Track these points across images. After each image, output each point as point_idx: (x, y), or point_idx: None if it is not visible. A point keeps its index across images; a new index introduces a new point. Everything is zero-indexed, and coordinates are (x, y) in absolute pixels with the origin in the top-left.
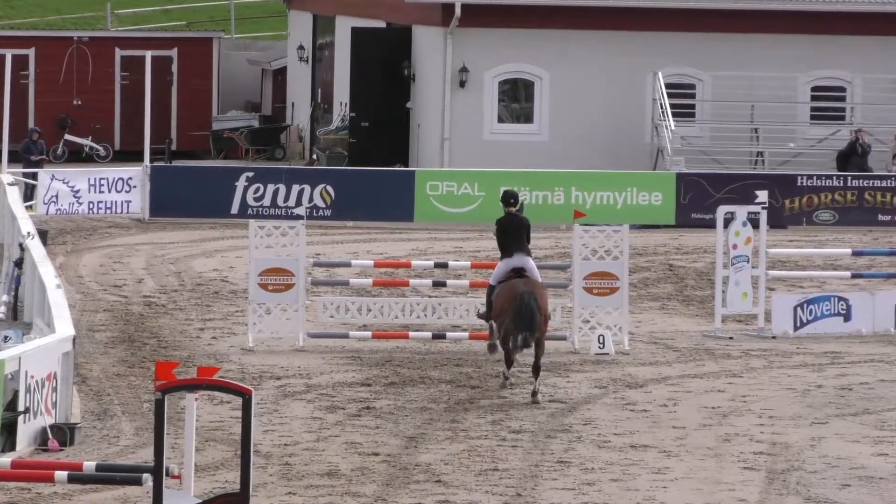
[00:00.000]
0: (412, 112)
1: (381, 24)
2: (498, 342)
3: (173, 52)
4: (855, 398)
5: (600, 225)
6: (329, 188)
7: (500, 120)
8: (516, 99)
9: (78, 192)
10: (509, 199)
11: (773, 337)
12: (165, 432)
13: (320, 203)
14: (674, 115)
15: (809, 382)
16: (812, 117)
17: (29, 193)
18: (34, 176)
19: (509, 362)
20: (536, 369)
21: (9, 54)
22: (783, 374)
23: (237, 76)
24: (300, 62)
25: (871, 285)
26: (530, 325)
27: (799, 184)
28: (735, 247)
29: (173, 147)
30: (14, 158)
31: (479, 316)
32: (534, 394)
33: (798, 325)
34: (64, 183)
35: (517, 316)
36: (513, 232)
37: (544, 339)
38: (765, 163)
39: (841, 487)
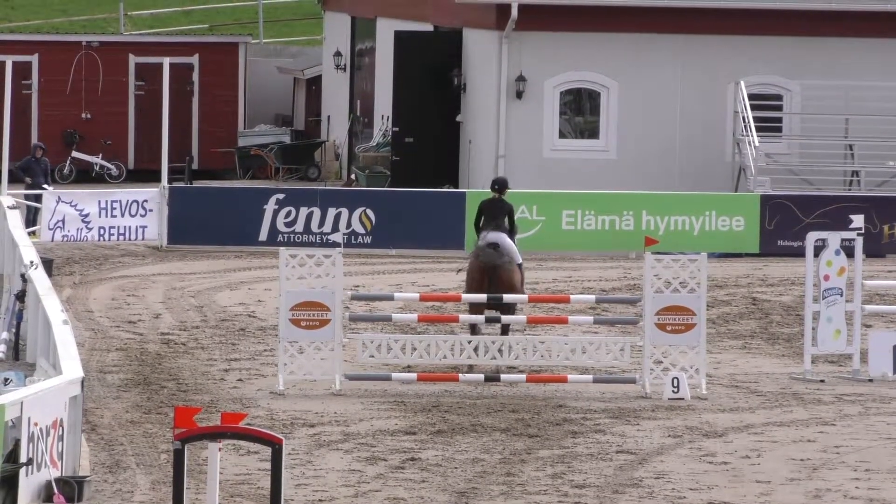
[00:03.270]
0: (463, 126)
1: (428, 28)
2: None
3: (194, 59)
4: None
5: (675, 254)
6: (369, 212)
7: (562, 135)
8: (580, 111)
9: (87, 216)
10: (494, 185)
11: (870, 380)
12: (185, 487)
13: (359, 229)
14: (758, 129)
15: None
16: None
17: (32, 218)
18: (38, 198)
19: (473, 329)
20: (504, 328)
21: (9, 61)
22: (881, 421)
23: (266, 86)
24: (337, 70)
25: None
26: (493, 289)
27: None
28: (827, 278)
29: (194, 166)
30: (15, 179)
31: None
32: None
33: None
34: (71, 206)
35: (482, 282)
36: (493, 215)
37: (513, 310)
38: (861, 183)
39: None
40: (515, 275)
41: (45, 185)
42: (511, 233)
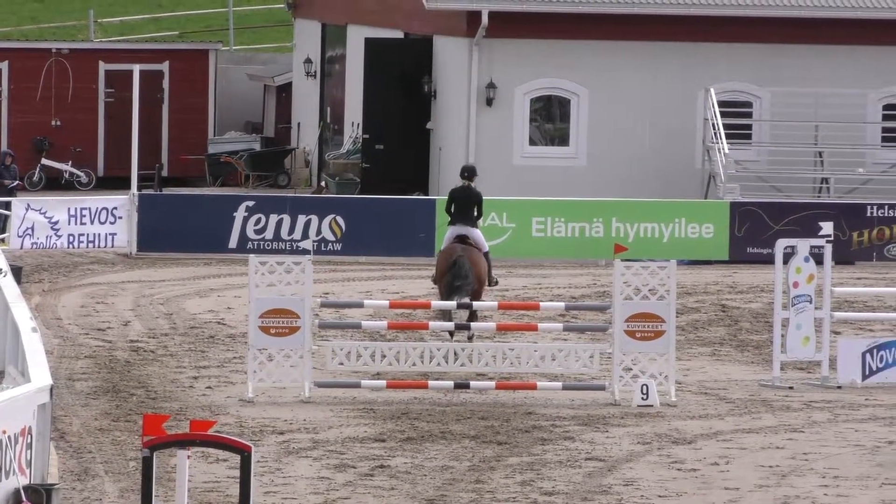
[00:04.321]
0: (433, 133)
1: (399, 35)
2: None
3: (164, 66)
4: None
5: (644, 261)
6: (339, 219)
7: (532, 142)
8: (550, 118)
9: (56, 223)
10: (464, 172)
11: (839, 387)
12: (154, 494)
13: (329, 236)
14: (728, 136)
15: (879, 438)
16: (884, 139)
17: (0, 225)
18: (7, 205)
19: (445, 315)
20: (472, 316)
21: None
22: (850, 428)
23: (236, 93)
24: (307, 77)
25: None
26: (463, 281)
27: (868, 214)
28: (796, 285)
29: (164, 173)
30: None
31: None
32: (468, 331)
33: (867, 373)
34: (41, 213)
35: (452, 276)
36: (463, 203)
37: (479, 296)
38: (830, 190)
39: None
40: (482, 262)
41: (12, 187)
42: (477, 220)
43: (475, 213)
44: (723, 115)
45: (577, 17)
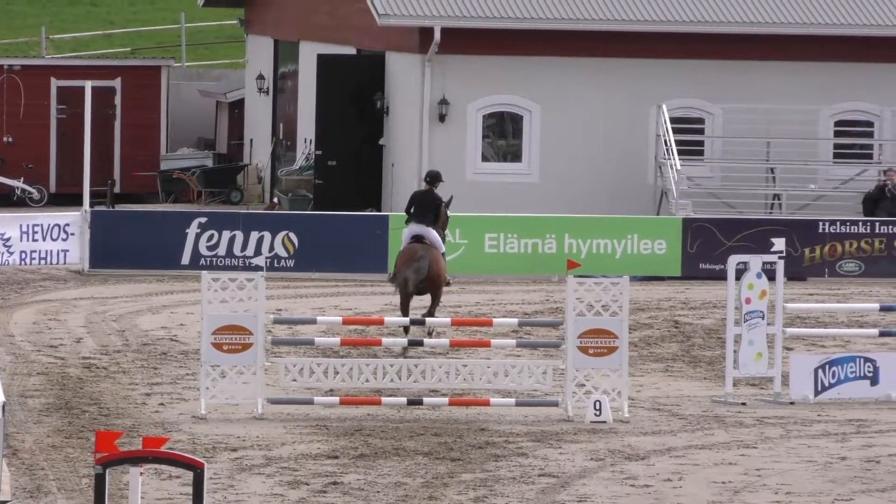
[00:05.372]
0: (385, 150)
1: (351, 51)
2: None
3: (116, 83)
4: (883, 472)
5: (597, 277)
6: (292, 236)
7: (485, 158)
8: (503, 135)
9: (8, 240)
10: (426, 177)
11: (792, 403)
12: None
13: (282, 252)
14: (680, 152)
15: (832, 454)
16: (836, 155)
17: None
18: None
19: (404, 309)
20: (430, 313)
21: None
22: (802, 444)
23: (188, 109)
24: (259, 94)
25: None
26: (421, 277)
27: (820, 230)
28: (748, 301)
29: (116, 189)
30: None
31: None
32: (428, 330)
33: (819, 389)
34: None
35: (410, 272)
36: (422, 206)
37: (439, 297)
38: (782, 207)
39: None
40: (442, 262)
41: None
42: (436, 224)
43: (433, 217)
44: (675, 131)
45: (529, 34)
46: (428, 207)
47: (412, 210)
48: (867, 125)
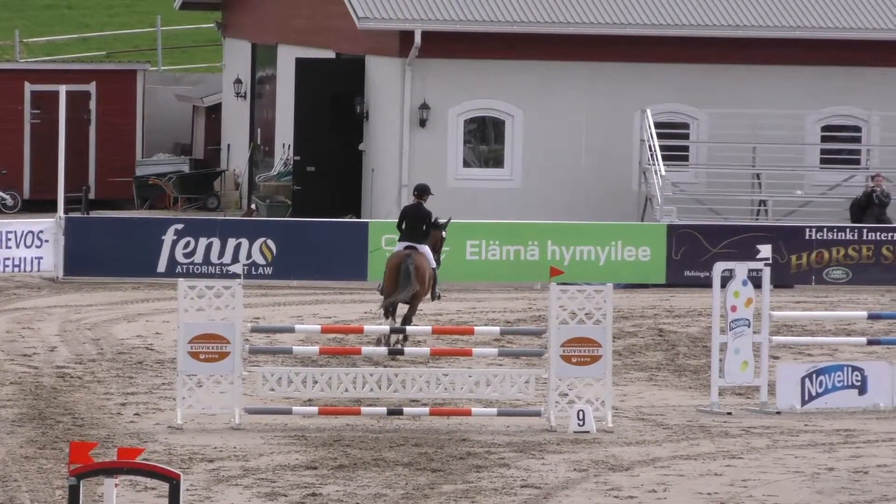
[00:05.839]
0: (365, 155)
1: (331, 55)
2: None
3: (91, 87)
4: (871, 483)
5: (580, 284)
6: (270, 243)
7: (467, 164)
8: (485, 140)
9: None
10: (415, 191)
11: (778, 412)
12: None
13: (260, 259)
14: (664, 158)
15: (819, 465)
16: (822, 161)
17: None
18: None
19: (386, 314)
20: (406, 319)
21: None
22: (789, 454)
23: (165, 114)
24: (237, 98)
25: (890, 353)
26: (404, 284)
27: (807, 237)
28: (734, 309)
29: (91, 195)
30: None
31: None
32: (403, 336)
33: (806, 398)
34: None
35: (395, 276)
36: (413, 220)
37: (418, 301)
38: (768, 213)
39: None
40: (429, 267)
41: None
42: (428, 238)
43: (424, 231)
44: (659, 136)
45: (511, 37)
46: (419, 222)
47: (403, 226)
48: (854, 130)
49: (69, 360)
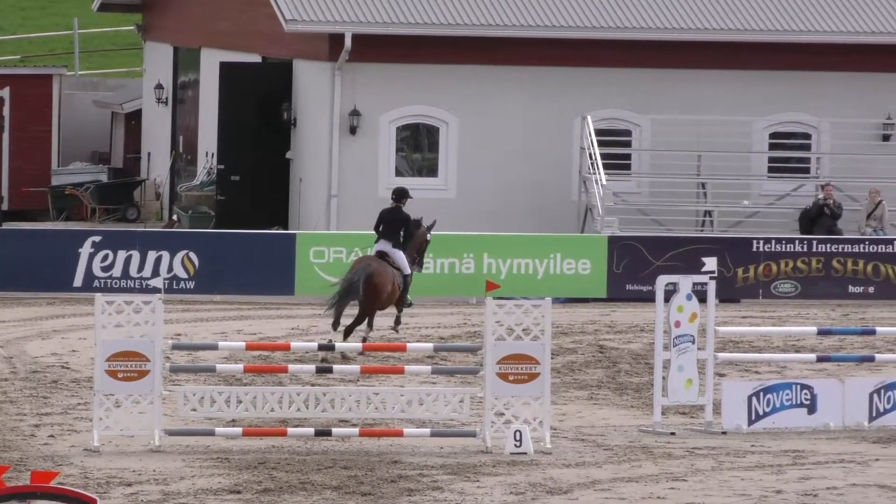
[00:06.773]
0: (293, 164)
1: (257, 59)
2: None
3: (4, 92)
4: None
5: (517, 299)
6: (192, 255)
7: (399, 173)
8: (418, 148)
9: None
10: (393, 194)
11: (724, 432)
12: None
13: (181, 273)
14: (605, 166)
15: (767, 487)
16: (771, 169)
17: None
18: None
19: (335, 324)
20: (348, 331)
21: None
22: (735, 476)
23: (82, 121)
24: (158, 104)
25: (841, 370)
26: (345, 294)
27: (755, 249)
28: (678, 324)
29: (4, 207)
30: None
31: None
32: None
33: (753, 418)
34: None
35: (347, 281)
36: (390, 224)
37: (372, 313)
38: (714, 224)
39: None
40: (386, 284)
41: None
42: (408, 242)
43: (400, 235)
44: (600, 143)
45: (446, 41)
46: (395, 226)
47: (380, 228)
48: (804, 137)
49: None
